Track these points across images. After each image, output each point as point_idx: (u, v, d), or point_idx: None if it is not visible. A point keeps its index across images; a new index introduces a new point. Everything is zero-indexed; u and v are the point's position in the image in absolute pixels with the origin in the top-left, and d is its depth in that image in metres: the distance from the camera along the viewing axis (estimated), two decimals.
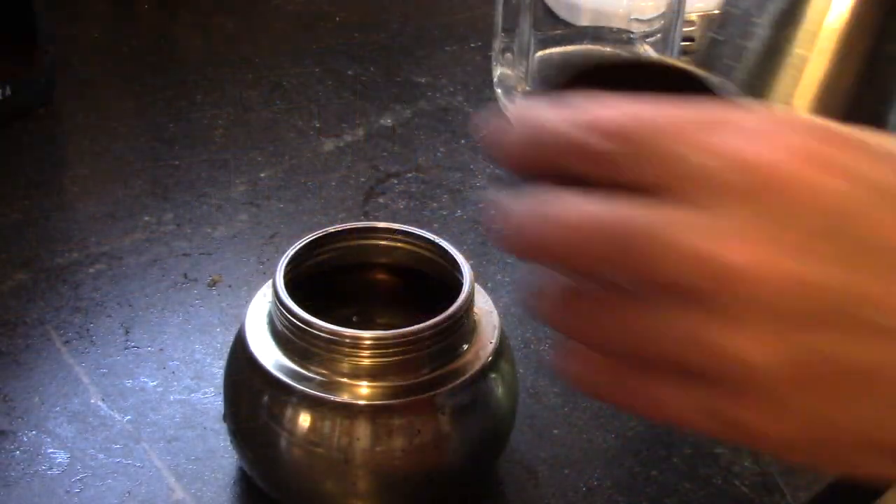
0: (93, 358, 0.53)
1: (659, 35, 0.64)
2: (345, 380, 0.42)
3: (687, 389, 0.30)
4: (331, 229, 0.47)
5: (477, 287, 0.45)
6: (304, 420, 0.42)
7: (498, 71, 0.67)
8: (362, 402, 0.41)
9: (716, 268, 0.28)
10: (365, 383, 0.42)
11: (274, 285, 0.43)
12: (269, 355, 0.43)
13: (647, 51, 0.75)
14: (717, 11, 0.52)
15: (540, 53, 0.78)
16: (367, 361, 0.41)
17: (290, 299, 0.42)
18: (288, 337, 0.42)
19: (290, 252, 0.45)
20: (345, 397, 0.41)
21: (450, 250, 0.46)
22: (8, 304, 0.56)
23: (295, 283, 0.43)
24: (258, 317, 0.45)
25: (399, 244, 0.48)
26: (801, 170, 0.28)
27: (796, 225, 0.28)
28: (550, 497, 0.48)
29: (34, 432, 0.49)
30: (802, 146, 0.28)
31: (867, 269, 0.28)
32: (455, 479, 0.45)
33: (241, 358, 0.44)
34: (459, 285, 0.44)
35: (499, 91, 0.66)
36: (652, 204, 0.29)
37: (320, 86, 0.79)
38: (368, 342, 0.41)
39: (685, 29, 0.68)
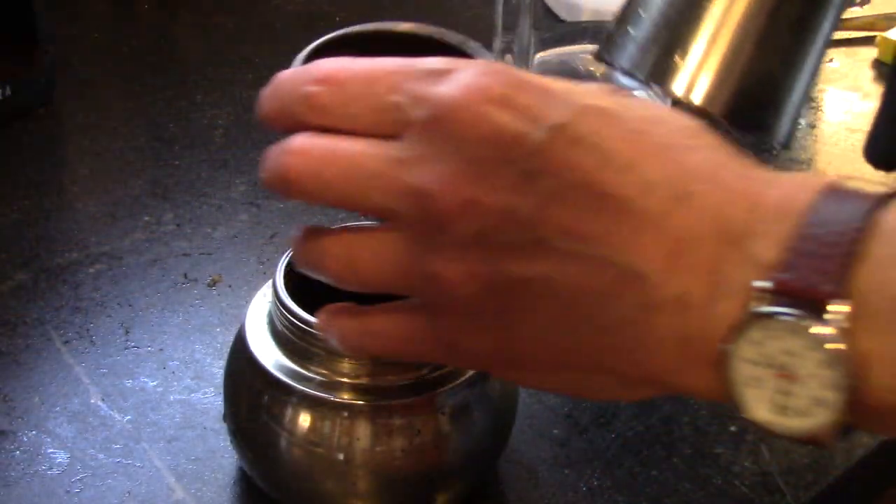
0: (93, 358, 0.53)
1: None
2: (345, 380, 0.42)
3: (413, 320, 0.34)
4: None
5: None
6: (304, 420, 0.42)
7: None
8: (362, 402, 0.41)
9: (402, 193, 0.31)
10: (365, 383, 0.42)
11: (274, 285, 0.43)
12: (269, 355, 0.43)
13: None
14: None
15: (540, 53, 0.78)
16: (367, 361, 0.41)
17: (290, 299, 0.42)
18: (288, 337, 0.42)
19: (291, 252, 0.45)
20: (345, 397, 0.41)
21: None
22: (8, 304, 0.56)
23: (295, 283, 0.43)
24: (258, 317, 0.45)
25: None
26: (472, 104, 0.30)
27: (463, 151, 0.30)
28: (550, 497, 0.48)
29: (34, 432, 0.49)
30: (482, 86, 0.30)
31: (537, 195, 0.29)
32: (455, 479, 0.45)
33: (241, 358, 0.44)
34: None
35: None
36: (367, 142, 0.32)
37: None
38: None
39: None
